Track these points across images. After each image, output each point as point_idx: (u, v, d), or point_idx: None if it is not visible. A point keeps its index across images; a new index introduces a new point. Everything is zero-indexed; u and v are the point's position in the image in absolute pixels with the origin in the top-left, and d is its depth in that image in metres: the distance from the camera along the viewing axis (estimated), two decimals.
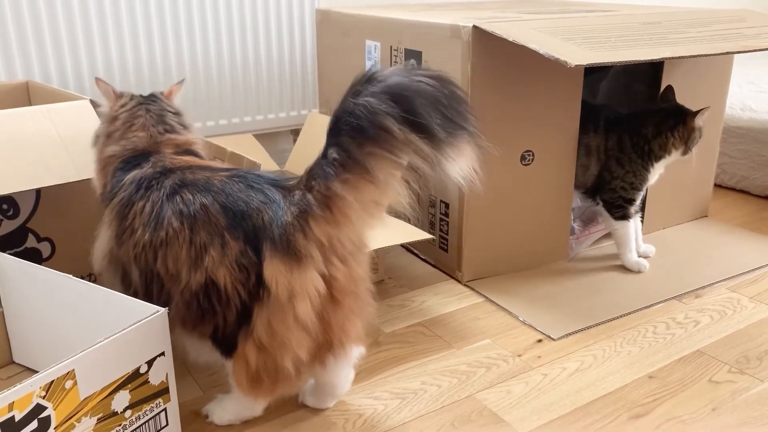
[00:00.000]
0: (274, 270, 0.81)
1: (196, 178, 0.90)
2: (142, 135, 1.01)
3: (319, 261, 0.82)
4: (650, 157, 1.37)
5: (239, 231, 0.83)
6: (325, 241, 0.82)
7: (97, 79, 1.10)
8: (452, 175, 0.80)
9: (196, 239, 0.85)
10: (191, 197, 0.87)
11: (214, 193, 0.87)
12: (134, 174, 0.94)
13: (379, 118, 0.76)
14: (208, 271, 0.84)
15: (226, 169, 0.92)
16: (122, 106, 1.05)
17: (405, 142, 0.77)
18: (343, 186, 0.81)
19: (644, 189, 1.42)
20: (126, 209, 0.92)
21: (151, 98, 1.07)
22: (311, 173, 0.84)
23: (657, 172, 1.41)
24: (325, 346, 0.87)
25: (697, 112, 1.33)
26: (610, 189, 1.40)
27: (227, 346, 0.87)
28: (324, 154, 0.82)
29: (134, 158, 0.98)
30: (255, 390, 0.88)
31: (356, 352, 0.93)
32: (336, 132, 0.80)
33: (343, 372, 0.96)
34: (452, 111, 0.78)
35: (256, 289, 0.83)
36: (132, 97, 1.07)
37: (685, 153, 1.37)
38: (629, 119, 1.40)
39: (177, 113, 1.07)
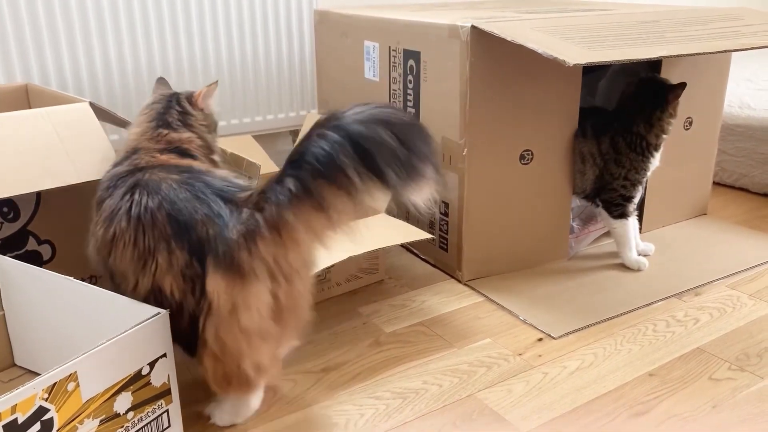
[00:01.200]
0: (216, 285, 0.83)
1: (150, 179, 0.90)
2: (136, 131, 1.04)
3: (264, 278, 0.84)
4: (650, 149, 1.38)
5: (184, 241, 0.85)
6: (270, 261, 0.84)
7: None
8: (411, 203, 0.83)
9: (140, 241, 0.86)
10: (139, 198, 0.89)
11: (161, 198, 0.88)
12: (112, 171, 0.97)
13: (341, 167, 0.79)
14: (155, 278, 0.86)
15: (180, 172, 0.92)
16: (144, 106, 1.10)
17: (363, 189, 0.80)
18: (296, 216, 0.82)
19: (644, 183, 1.42)
20: (98, 206, 0.95)
21: (163, 96, 1.10)
22: (264, 195, 0.84)
23: (659, 154, 1.41)
24: None
25: (676, 87, 1.33)
26: (611, 189, 1.40)
27: (189, 349, 0.88)
28: (280, 181, 0.83)
29: (123, 156, 1.00)
30: (228, 390, 0.89)
31: (290, 346, 0.96)
32: (297, 165, 0.82)
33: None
34: (413, 158, 0.81)
35: (200, 301, 0.84)
36: (156, 97, 1.11)
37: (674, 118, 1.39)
38: (616, 119, 1.39)
39: (184, 112, 1.08)
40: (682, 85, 1.33)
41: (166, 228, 0.85)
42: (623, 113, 1.38)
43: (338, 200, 0.81)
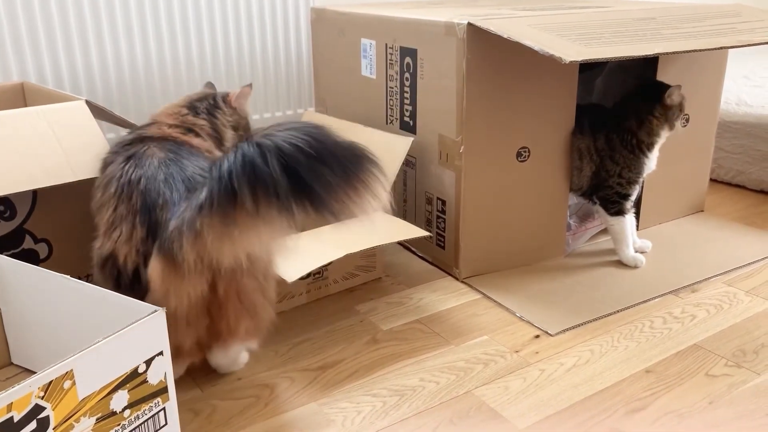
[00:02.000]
0: (154, 268, 0.88)
1: (144, 153, 0.98)
2: (163, 108, 1.15)
3: (198, 270, 0.86)
4: (641, 148, 1.38)
5: (145, 219, 0.91)
6: (200, 256, 0.85)
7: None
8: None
9: (117, 208, 0.94)
10: (128, 169, 0.96)
11: (142, 174, 0.95)
12: (122, 137, 1.06)
13: (234, 188, 0.80)
14: (116, 244, 0.93)
15: (168, 150, 0.99)
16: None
17: (254, 212, 0.81)
18: (204, 225, 0.83)
19: (641, 181, 1.42)
20: (102, 167, 1.04)
21: (205, 93, 1.21)
22: (210, 194, 0.83)
23: (654, 157, 1.41)
24: (213, 337, 0.96)
25: (669, 88, 1.33)
26: (607, 186, 1.40)
27: None
28: (225, 189, 0.82)
29: (140, 126, 1.11)
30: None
31: (247, 345, 1.02)
32: (210, 174, 0.84)
33: (228, 358, 1.04)
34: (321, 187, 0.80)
35: (145, 278, 0.90)
36: (199, 91, 1.23)
37: (671, 129, 1.38)
38: (612, 115, 1.40)
39: (216, 106, 1.17)
40: (677, 88, 1.33)
41: (137, 203, 0.93)
42: (619, 110, 1.39)
43: (240, 218, 0.81)
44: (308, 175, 0.79)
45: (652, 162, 1.40)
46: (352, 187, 0.81)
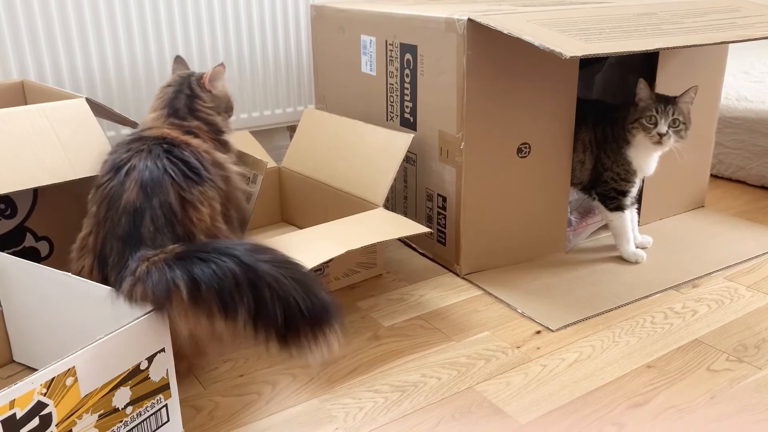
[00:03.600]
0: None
1: (137, 166, 0.98)
2: (152, 117, 1.14)
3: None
4: (620, 142, 1.38)
5: (102, 266, 0.95)
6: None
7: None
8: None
9: (90, 237, 0.97)
10: (119, 178, 0.98)
11: (125, 190, 0.96)
12: (122, 140, 1.06)
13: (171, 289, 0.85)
14: (82, 251, 0.98)
15: (156, 159, 0.99)
16: (160, 88, 1.21)
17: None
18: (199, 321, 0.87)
19: (635, 180, 1.41)
20: (102, 165, 1.04)
21: (176, 80, 1.18)
22: (188, 289, 0.85)
23: (643, 159, 1.39)
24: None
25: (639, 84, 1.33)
26: (603, 181, 1.41)
27: None
28: (163, 268, 0.87)
29: (138, 128, 1.13)
30: None
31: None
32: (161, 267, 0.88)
33: None
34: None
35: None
36: (171, 78, 1.21)
37: (628, 134, 1.36)
38: (615, 110, 1.41)
39: (193, 95, 1.16)
40: (645, 86, 1.33)
41: (99, 239, 0.96)
42: (621, 106, 1.39)
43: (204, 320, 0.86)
44: (284, 319, 0.85)
45: (643, 163, 1.39)
46: (314, 337, 0.87)
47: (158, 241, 0.92)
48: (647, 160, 1.39)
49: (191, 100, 1.14)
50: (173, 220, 0.95)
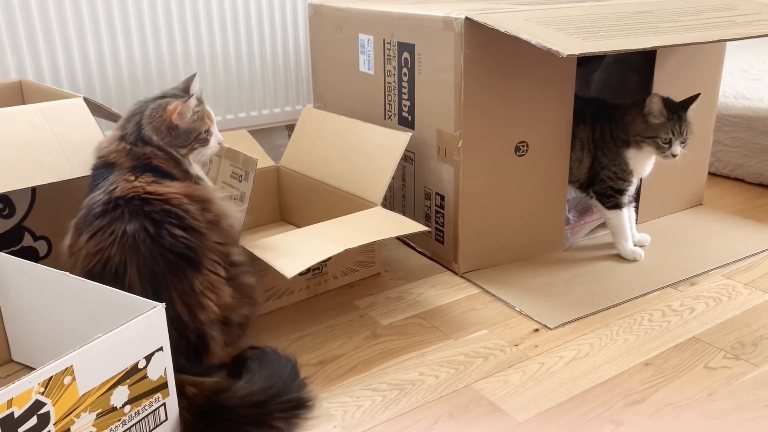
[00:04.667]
0: None
1: (119, 247, 0.95)
2: (106, 141, 1.08)
3: None
4: (618, 142, 1.38)
5: None
6: None
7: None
8: None
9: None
10: (100, 256, 0.96)
11: (103, 268, 0.95)
12: (89, 198, 1.01)
13: None
14: None
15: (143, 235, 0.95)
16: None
17: None
18: None
19: (632, 180, 1.41)
20: (75, 230, 1.00)
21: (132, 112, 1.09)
22: None
23: (641, 162, 1.39)
24: None
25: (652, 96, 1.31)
26: (600, 180, 1.41)
27: None
28: None
29: (98, 165, 1.06)
30: None
31: None
32: None
33: None
34: None
35: None
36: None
37: (633, 143, 1.35)
38: (614, 109, 1.40)
39: (144, 142, 1.06)
40: (657, 98, 1.31)
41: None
42: (621, 105, 1.39)
43: None
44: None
45: (640, 166, 1.39)
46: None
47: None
48: (645, 162, 1.40)
49: (145, 157, 1.03)
50: (185, 331, 0.96)
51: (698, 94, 1.34)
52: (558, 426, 0.93)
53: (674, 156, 1.33)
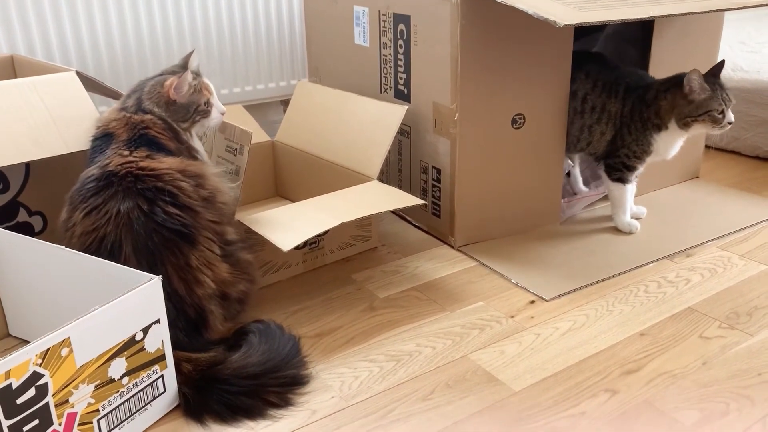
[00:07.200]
0: None
1: (115, 226, 0.95)
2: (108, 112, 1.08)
3: None
4: (648, 125, 1.35)
5: None
6: None
7: None
8: None
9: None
10: (96, 234, 0.96)
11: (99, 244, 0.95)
12: (84, 173, 1.01)
13: None
14: None
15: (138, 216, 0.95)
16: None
17: None
18: None
19: (646, 160, 1.39)
20: (70, 203, 1.00)
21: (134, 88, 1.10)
22: None
23: (670, 145, 1.37)
24: None
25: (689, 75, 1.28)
26: (616, 155, 1.39)
27: None
28: None
29: (97, 136, 1.05)
30: None
31: None
32: None
33: None
34: None
35: None
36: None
37: (680, 125, 1.32)
38: (646, 90, 1.36)
39: (145, 122, 1.05)
40: (698, 76, 1.27)
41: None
42: (654, 83, 1.36)
43: None
44: None
45: (662, 148, 1.37)
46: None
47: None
48: (674, 145, 1.38)
49: (144, 131, 1.03)
50: (183, 306, 0.96)
51: (723, 61, 1.32)
52: (553, 395, 0.94)
53: (730, 124, 1.30)
